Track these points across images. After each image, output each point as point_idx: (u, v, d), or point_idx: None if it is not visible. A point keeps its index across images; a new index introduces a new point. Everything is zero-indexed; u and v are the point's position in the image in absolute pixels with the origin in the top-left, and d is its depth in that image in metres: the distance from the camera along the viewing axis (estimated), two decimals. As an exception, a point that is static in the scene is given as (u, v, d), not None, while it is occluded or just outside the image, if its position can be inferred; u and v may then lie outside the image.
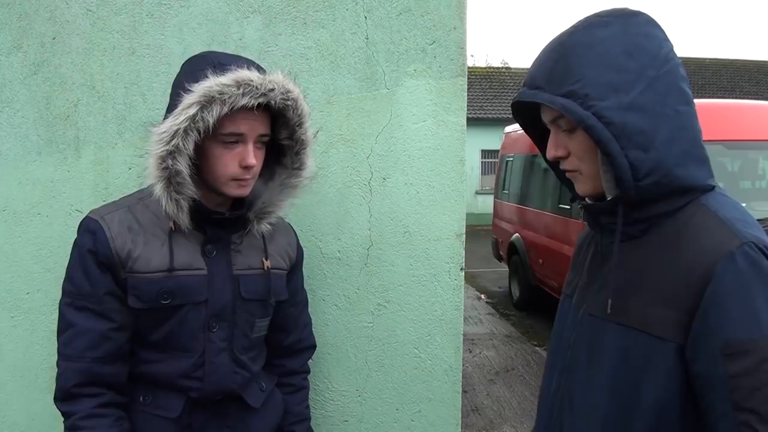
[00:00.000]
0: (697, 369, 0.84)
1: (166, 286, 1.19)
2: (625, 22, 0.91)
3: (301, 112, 1.23)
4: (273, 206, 1.30)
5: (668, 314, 0.86)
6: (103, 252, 1.17)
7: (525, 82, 0.98)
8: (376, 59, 1.62)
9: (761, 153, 4.49)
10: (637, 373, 0.89)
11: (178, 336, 1.22)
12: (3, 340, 1.62)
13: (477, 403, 4.66)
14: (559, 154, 0.99)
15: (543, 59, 0.96)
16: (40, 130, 1.57)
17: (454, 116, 1.65)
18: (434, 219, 1.67)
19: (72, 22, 1.55)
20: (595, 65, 0.89)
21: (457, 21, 1.62)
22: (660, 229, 0.93)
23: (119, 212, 1.22)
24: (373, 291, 1.68)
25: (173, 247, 1.21)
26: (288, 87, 1.19)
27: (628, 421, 0.90)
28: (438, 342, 1.71)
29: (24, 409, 1.64)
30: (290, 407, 1.45)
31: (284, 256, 1.38)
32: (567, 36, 0.93)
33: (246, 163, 1.18)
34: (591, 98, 0.88)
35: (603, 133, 0.87)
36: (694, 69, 20.40)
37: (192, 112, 1.10)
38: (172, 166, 1.12)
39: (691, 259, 0.86)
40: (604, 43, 0.89)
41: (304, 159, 1.29)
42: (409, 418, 1.72)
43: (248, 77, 1.13)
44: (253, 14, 1.59)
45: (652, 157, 0.88)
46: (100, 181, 1.59)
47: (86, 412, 1.17)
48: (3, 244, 1.59)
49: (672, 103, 0.90)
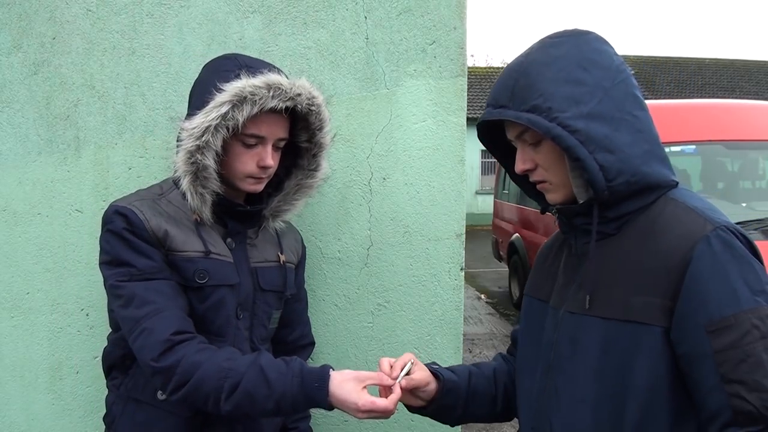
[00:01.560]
0: (684, 349, 0.89)
1: (202, 266, 1.21)
2: (577, 41, 0.99)
3: (323, 118, 1.29)
4: (288, 205, 1.36)
5: (651, 301, 0.91)
6: (140, 232, 1.17)
7: (488, 103, 1.04)
8: (376, 59, 1.62)
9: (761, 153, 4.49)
10: (625, 362, 0.93)
11: (213, 319, 1.23)
12: (3, 340, 1.62)
13: (477, 403, 4.65)
14: (526, 167, 1.04)
15: (504, 80, 1.02)
16: (40, 130, 1.57)
17: (454, 116, 1.65)
18: (434, 219, 1.67)
19: (72, 22, 1.55)
20: (553, 81, 0.95)
21: (457, 21, 1.62)
22: (633, 225, 0.98)
23: (146, 202, 1.22)
24: (373, 291, 1.68)
25: (203, 236, 1.24)
26: (313, 93, 1.25)
27: (619, 408, 0.94)
28: (438, 342, 1.70)
29: (24, 409, 1.64)
30: None
31: (294, 252, 1.44)
32: (524, 57, 1.01)
33: (263, 163, 1.23)
34: (554, 110, 0.94)
35: (570, 139, 0.93)
36: (694, 69, 20.41)
37: (224, 110, 1.14)
38: (201, 160, 1.16)
39: (669, 247, 0.91)
40: (559, 60, 0.97)
41: (320, 161, 1.35)
42: (409, 418, 1.72)
43: (278, 81, 1.19)
44: (253, 14, 1.59)
45: (619, 158, 0.94)
46: (100, 181, 1.59)
47: (195, 347, 1.11)
48: (3, 244, 1.59)
49: (629, 108, 0.97)
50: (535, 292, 1.17)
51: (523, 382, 1.15)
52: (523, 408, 1.15)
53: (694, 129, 4.10)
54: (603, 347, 0.96)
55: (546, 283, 1.14)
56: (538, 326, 1.11)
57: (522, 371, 1.16)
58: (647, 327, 0.91)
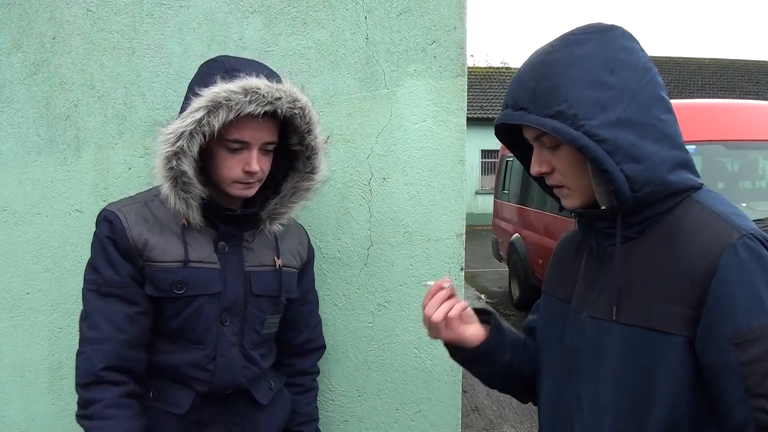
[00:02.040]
0: (708, 360, 0.86)
1: (180, 276, 1.21)
2: (603, 38, 0.93)
3: (309, 120, 1.25)
4: (285, 207, 1.33)
5: (674, 309, 0.88)
6: (121, 240, 1.20)
7: (506, 104, 0.99)
8: (376, 59, 1.62)
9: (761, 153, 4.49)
10: (647, 370, 0.90)
11: (192, 328, 1.24)
12: (3, 340, 1.62)
13: (477, 403, 4.66)
14: (543, 170, 1.00)
15: (524, 80, 0.96)
16: (40, 130, 1.57)
17: (454, 116, 1.65)
18: (434, 219, 1.67)
19: (72, 22, 1.55)
20: (579, 84, 0.90)
21: (457, 21, 1.62)
22: (656, 228, 0.94)
23: (136, 206, 1.24)
24: (373, 291, 1.68)
25: (187, 242, 1.23)
26: (296, 96, 1.20)
27: (641, 418, 0.91)
28: (438, 342, 1.69)
29: (24, 409, 1.64)
30: (299, 407, 1.46)
31: (295, 255, 1.40)
32: (546, 55, 0.94)
33: (249, 168, 1.20)
34: (580, 118, 0.89)
35: (597, 150, 0.88)
36: (694, 69, 20.41)
37: (199, 116, 1.13)
38: (177, 166, 1.15)
39: (693, 254, 0.87)
40: (584, 60, 0.91)
41: (315, 163, 1.32)
42: (409, 418, 1.72)
43: (256, 85, 1.15)
44: (253, 14, 1.59)
45: (646, 167, 0.90)
46: (100, 181, 1.59)
47: (112, 400, 1.15)
48: (3, 244, 1.59)
49: (656, 112, 0.92)
50: (554, 291, 1.14)
51: (545, 382, 1.12)
52: (544, 409, 1.12)
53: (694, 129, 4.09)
54: (625, 354, 0.93)
55: (566, 282, 1.10)
56: (559, 327, 1.08)
57: (543, 371, 1.13)
58: (670, 336, 0.88)
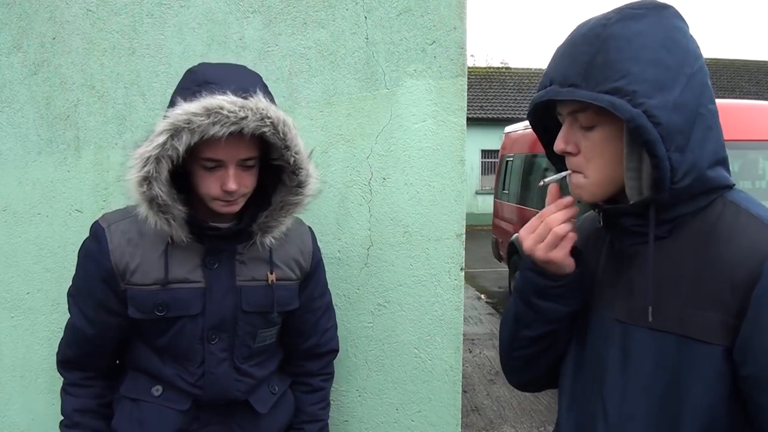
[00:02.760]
0: (747, 371, 0.82)
1: (160, 299, 1.21)
2: (659, 15, 0.87)
3: (284, 136, 1.16)
4: (275, 221, 1.27)
5: (711, 317, 0.83)
6: (103, 263, 1.21)
7: (552, 79, 0.91)
8: (376, 59, 1.62)
9: (761, 153, 4.49)
10: (679, 380, 0.86)
11: (177, 346, 1.25)
12: (3, 340, 1.62)
13: (477, 403, 4.66)
14: (568, 149, 0.93)
15: (574, 54, 0.88)
16: (40, 130, 1.57)
17: (454, 116, 1.65)
18: (434, 219, 1.67)
19: (72, 22, 1.55)
20: (637, 60, 0.83)
21: (457, 21, 1.62)
22: (687, 229, 0.90)
23: (124, 222, 1.23)
24: (373, 291, 1.68)
25: (169, 261, 1.21)
26: (263, 113, 1.12)
27: (673, 428, 0.87)
28: (438, 342, 1.71)
29: (24, 409, 1.64)
30: (303, 406, 1.44)
31: (293, 266, 1.34)
32: (601, 28, 0.86)
33: (226, 188, 1.15)
34: (639, 95, 0.82)
35: (652, 133, 0.82)
36: (694, 69, 20.36)
37: (161, 140, 1.09)
38: (148, 191, 1.12)
39: (733, 259, 0.83)
40: (642, 36, 0.84)
41: (302, 178, 1.24)
42: (409, 418, 1.72)
43: (218, 105, 1.08)
44: (253, 14, 1.59)
45: (687, 158, 0.85)
46: (100, 181, 1.59)
47: (73, 381, 1.30)
48: (3, 244, 1.59)
49: (705, 101, 0.87)
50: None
51: (564, 380, 1.06)
52: (564, 411, 1.06)
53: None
54: (656, 362, 0.88)
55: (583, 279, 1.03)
56: (583, 327, 1.02)
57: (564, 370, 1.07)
58: (707, 345, 0.83)
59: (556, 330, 1.02)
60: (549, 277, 0.97)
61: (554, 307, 0.99)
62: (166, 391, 1.26)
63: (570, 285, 0.97)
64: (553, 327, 1.01)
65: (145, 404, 1.26)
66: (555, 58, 0.92)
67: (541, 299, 0.99)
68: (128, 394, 1.28)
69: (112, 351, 1.31)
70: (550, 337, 1.03)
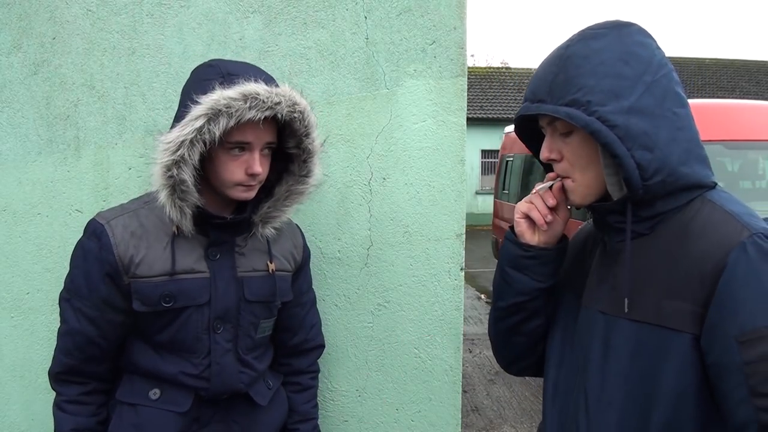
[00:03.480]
0: (713, 358, 0.86)
1: (167, 290, 1.21)
2: (619, 33, 0.96)
3: (308, 123, 1.25)
4: (278, 211, 1.32)
5: (683, 306, 0.89)
6: (106, 258, 1.20)
7: (526, 97, 1.02)
8: (376, 59, 1.62)
9: (761, 153, 4.49)
10: (653, 367, 0.91)
11: (182, 338, 1.25)
12: (3, 340, 1.62)
13: (477, 403, 4.66)
14: (552, 156, 1.02)
15: (542, 74, 1.00)
16: (40, 130, 1.57)
17: (454, 116, 1.65)
18: (434, 219, 1.67)
19: (72, 22, 1.55)
20: (593, 74, 0.93)
21: (457, 21, 1.62)
22: (667, 226, 0.95)
23: (124, 217, 1.24)
24: (373, 291, 1.68)
25: (175, 252, 1.23)
26: (295, 99, 1.20)
27: (645, 415, 0.92)
28: (438, 342, 1.70)
29: (24, 409, 1.64)
30: (295, 406, 1.46)
31: (289, 258, 1.39)
32: (564, 50, 0.98)
33: (252, 170, 1.20)
34: (593, 104, 0.92)
35: (608, 135, 0.90)
36: (694, 69, 20.40)
37: (199, 124, 1.12)
38: (177, 175, 1.15)
39: (703, 252, 0.88)
40: (600, 53, 0.94)
41: (311, 167, 1.31)
42: (409, 418, 1.72)
43: (255, 90, 1.15)
44: (253, 14, 1.59)
45: (657, 156, 0.91)
46: (100, 181, 1.59)
47: (71, 397, 1.25)
48: (3, 244, 1.59)
49: (669, 105, 0.94)
50: (564, 284, 1.14)
51: (549, 370, 1.12)
52: (549, 402, 1.12)
53: (694, 129, 4.08)
54: (633, 351, 0.94)
55: (578, 276, 1.11)
56: (568, 321, 1.09)
57: (549, 361, 1.13)
58: (677, 333, 0.89)
59: (524, 304, 1.11)
60: (519, 245, 1.09)
61: (522, 278, 1.10)
62: (165, 393, 1.26)
63: (539, 258, 1.08)
64: (522, 299, 1.11)
65: (143, 408, 1.25)
66: (531, 79, 1.04)
67: (512, 269, 1.10)
68: (125, 399, 1.27)
69: (115, 353, 1.29)
70: (520, 310, 1.12)
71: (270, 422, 1.38)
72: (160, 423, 1.24)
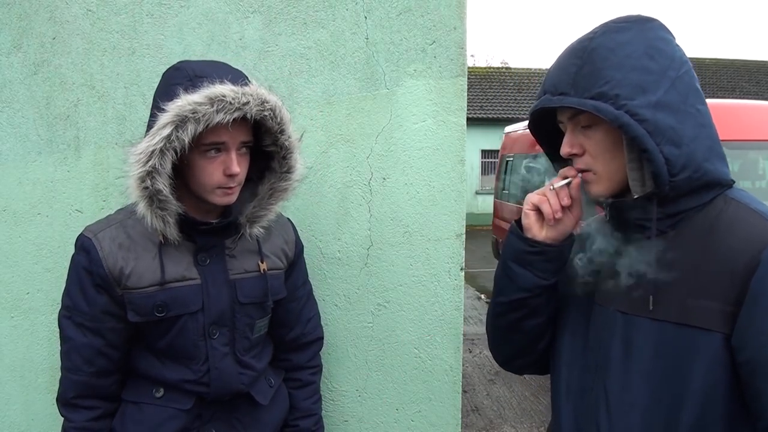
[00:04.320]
0: (745, 357, 0.85)
1: (159, 299, 1.21)
2: (642, 27, 0.95)
3: (281, 120, 1.22)
4: (264, 210, 1.30)
5: (711, 305, 0.87)
6: (97, 271, 1.20)
7: (546, 90, 0.99)
8: (376, 59, 1.62)
9: (761, 153, 4.49)
10: (680, 367, 0.89)
11: (180, 345, 1.25)
12: (3, 340, 1.62)
13: (477, 403, 4.66)
14: (573, 151, 1.00)
15: (563, 66, 0.97)
16: (40, 130, 1.57)
17: (454, 116, 1.65)
18: (434, 219, 1.67)
19: (72, 22, 1.55)
20: (620, 67, 0.91)
21: (457, 21, 1.62)
22: (689, 224, 0.94)
23: (110, 229, 1.23)
24: (373, 291, 1.68)
25: (164, 260, 1.22)
26: (263, 97, 1.17)
27: (673, 415, 0.90)
28: (438, 342, 1.71)
29: (24, 409, 1.64)
30: (296, 402, 1.46)
31: (280, 255, 1.38)
32: (587, 42, 0.96)
33: (230, 171, 1.18)
34: (621, 98, 0.90)
35: (638, 129, 0.89)
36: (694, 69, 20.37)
37: (166, 132, 1.10)
38: (152, 186, 1.13)
39: (732, 249, 0.87)
40: (625, 46, 0.92)
41: (291, 163, 1.29)
42: (409, 418, 1.72)
43: (221, 92, 1.12)
44: (253, 14, 1.59)
45: (684, 152, 0.90)
46: (100, 181, 1.59)
47: (79, 424, 1.24)
48: (3, 244, 1.59)
49: (692, 101, 0.93)
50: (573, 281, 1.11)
51: (561, 371, 1.10)
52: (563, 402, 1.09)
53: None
54: (656, 350, 0.92)
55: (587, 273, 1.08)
56: (581, 319, 1.07)
57: (561, 361, 1.11)
58: (706, 332, 0.87)
59: (526, 300, 1.08)
60: (525, 240, 1.05)
61: (525, 273, 1.06)
62: (168, 393, 1.27)
63: (544, 255, 1.05)
64: (523, 295, 1.08)
65: (147, 406, 1.26)
66: (549, 71, 1.01)
67: (515, 264, 1.07)
68: (129, 398, 1.28)
69: (123, 364, 1.28)
70: (521, 306, 1.09)
71: (271, 420, 1.38)
72: (162, 419, 1.25)
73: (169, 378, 1.26)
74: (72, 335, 1.23)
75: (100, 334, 1.23)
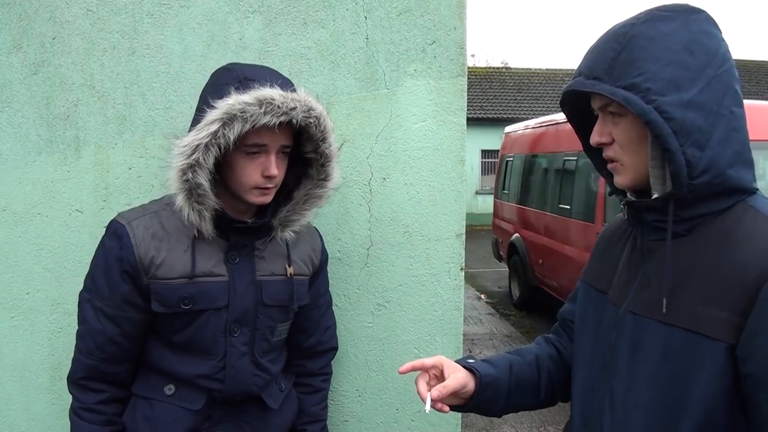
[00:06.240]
0: (749, 369, 0.83)
1: (187, 292, 1.22)
2: (687, 19, 0.91)
3: (324, 128, 1.25)
4: (297, 215, 1.33)
5: (719, 314, 0.86)
6: (127, 258, 1.21)
7: (581, 71, 0.97)
8: (376, 59, 1.62)
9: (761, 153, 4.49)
10: (684, 373, 0.88)
11: (199, 340, 1.26)
12: (3, 340, 1.62)
13: (477, 403, 4.66)
14: (603, 140, 0.98)
15: (601, 49, 0.94)
16: (40, 130, 1.57)
17: (454, 116, 1.65)
18: (434, 219, 1.67)
19: (72, 22, 1.55)
20: (657, 59, 0.88)
21: (457, 21, 1.62)
22: (706, 229, 0.92)
23: (145, 218, 1.25)
24: (373, 291, 1.68)
25: (195, 255, 1.24)
26: (311, 105, 1.21)
27: (674, 420, 0.90)
28: (438, 342, 1.71)
29: (24, 409, 1.64)
30: (305, 407, 1.47)
31: (307, 262, 1.40)
32: (629, 27, 0.92)
33: (268, 173, 1.21)
34: (653, 92, 0.88)
35: (664, 127, 0.87)
36: (694, 69, 20.36)
37: (214, 128, 1.13)
38: (193, 179, 1.15)
39: (745, 260, 0.86)
40: (666, 37, 0.89)
41: (329, 171, 1.32)
42: (409, 418, 1.72)
43: (270, 96, 1.15)
44: (253, 14, 1.59)
45: (707, 155, 0.88)
46: (100, 181, 1.59)
47: (87, 405, 1.25)
48: (3, 244, 1.59)
49: (728, 103, 0.90)
50: (593, 281, 1.12)
51: (579, 373, 1.10)
52: (576, 400, 1.10)
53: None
54: (663, 354, 0.91)
55: (605, 273, 1.08)
56: (596, 319, 1.07)
57: (578, 362, 1.11)
58: (712, 341, 0.85)
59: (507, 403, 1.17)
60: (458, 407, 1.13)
61: (485, 411, 1.16)
62: (179, 390, 1.27)
63: (474, 406, 1.13)
64: (499, 407, 1.17)
65: (157, 403, 1.27)
66: (587, 52, 0.98)
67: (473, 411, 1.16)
68: (140, 392, 1.29)
69: (135, 353, 1.29)
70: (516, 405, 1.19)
71: (280, 424, 1.39)
72: (172, 418, 1.26)
73: (182, 372, 1.26)
74: (89, 318, 1.24)
75: (115, 322, 1.23)
